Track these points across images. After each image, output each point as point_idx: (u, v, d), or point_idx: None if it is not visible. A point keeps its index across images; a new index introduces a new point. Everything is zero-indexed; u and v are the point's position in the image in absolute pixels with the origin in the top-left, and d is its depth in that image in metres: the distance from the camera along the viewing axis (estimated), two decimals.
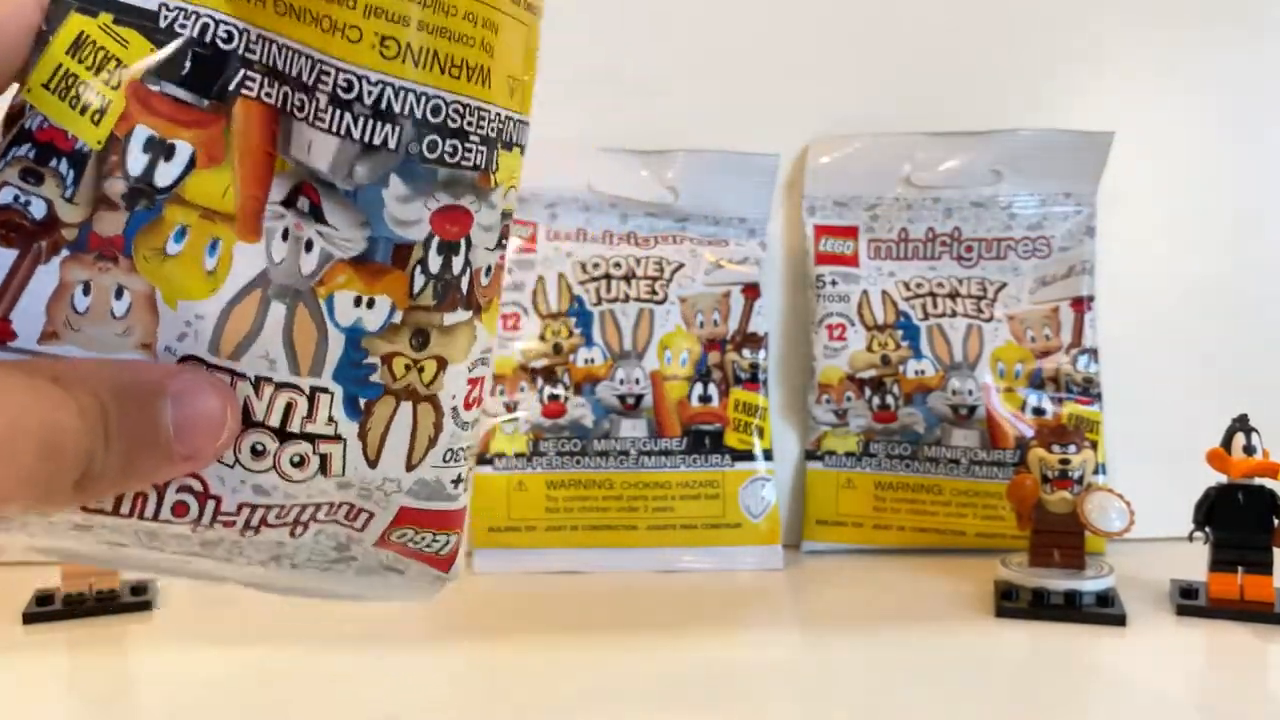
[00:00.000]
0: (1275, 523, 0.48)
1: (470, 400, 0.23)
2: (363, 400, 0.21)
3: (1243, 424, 0.49)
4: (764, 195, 0.62)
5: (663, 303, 0.60)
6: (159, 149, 0.20)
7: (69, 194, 0.20)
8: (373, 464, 0.22)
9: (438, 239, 0.21)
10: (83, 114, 0.20)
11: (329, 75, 0.19)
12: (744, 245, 0.62)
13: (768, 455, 0.59)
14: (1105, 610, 0.49)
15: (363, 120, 0.20)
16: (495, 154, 0.21)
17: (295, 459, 0.21)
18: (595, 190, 0.61)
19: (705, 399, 0.59)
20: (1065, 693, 0.43)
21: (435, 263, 0.21)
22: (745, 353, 0.60)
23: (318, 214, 0.20)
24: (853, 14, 0.62)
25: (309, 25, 0.19)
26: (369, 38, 0.19)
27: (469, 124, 0.21)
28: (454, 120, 0.20)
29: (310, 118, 0.19)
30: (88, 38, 0.20)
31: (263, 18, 0.19)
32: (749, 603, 0.54)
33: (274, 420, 0.21)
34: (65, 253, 0.20)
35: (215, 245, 0.20)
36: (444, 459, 0.23)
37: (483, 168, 0.21)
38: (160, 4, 0.20)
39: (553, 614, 0.51)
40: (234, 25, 0.19)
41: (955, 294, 0.61)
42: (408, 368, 0.21)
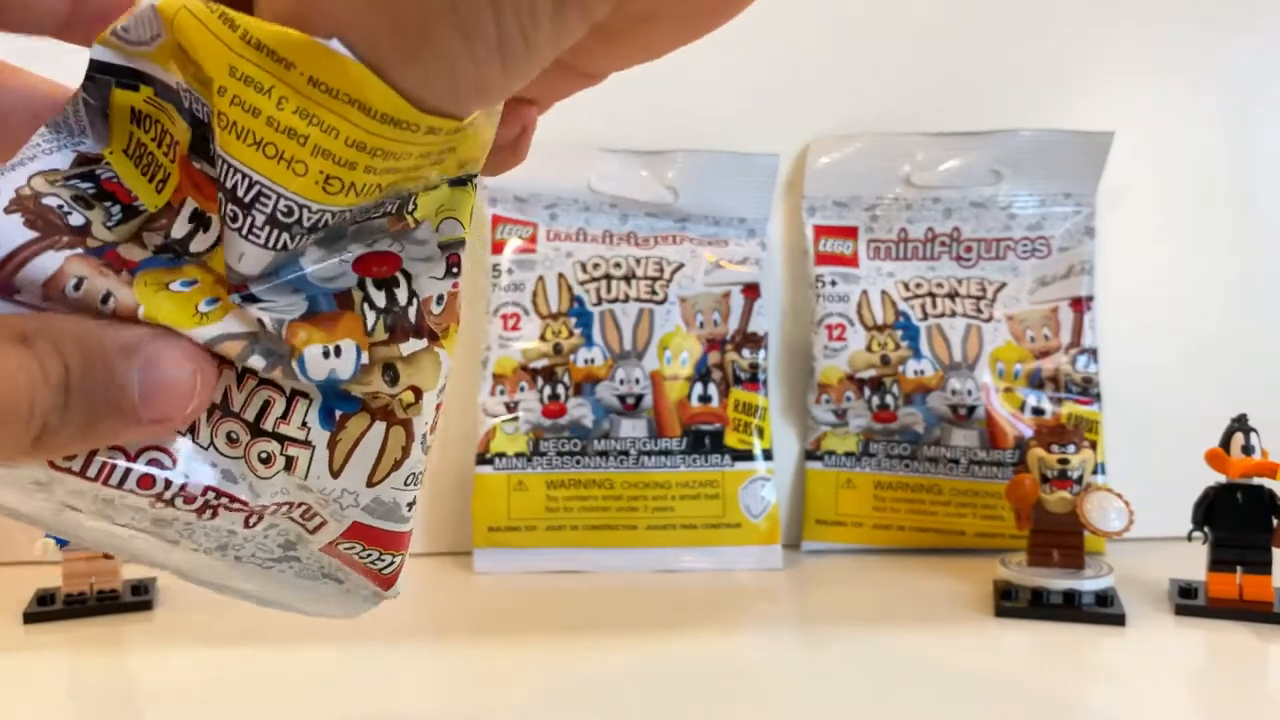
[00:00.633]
0: (1274, 522, 0.48)
1: (433, 427, 0.23)
2: (339, 412, 0.22)
3: (1242, 424, 0.49)
4: (764, 195, 0.62)
5: (663, 303, 0.60)
6: (200, 221, 0.21)
7: (110, 225, 0.21)
8: (335, 474, 0.22)
9: (369, 279, 0.22)
10: (150, 181, 0.21)
11: (269, 199, 0.20)
12: (744, 245, 0.62)
13: (768, 455, 0.59)
14: (1104, 610, 0.49)
15: (298, 238, 0.20)
16: (410, 198, 0.22)
17: (262, 455, 0.22)
18: (595, 190, 0.61)
19: (705, 399, 0.59)
20: (1064, 692, 0.43)
21: (378, 298, 0.22)
22: (745, 353, 0.60)
23: (250, 297, 0.21)
24: (853, 14, 0.62)
25: (250, 147, 0.19)
26: (314, 174, 0.19)
27: (390, 203, 0.21)
28: (377, 209, 0.21)
29: (244, 231, 0.20)
30: (142, 112, 0.21)
31: (215, 124, 0.19)
32: (749, 603, 0.54)
33: (249, 414, 0.22)
34: (79, 250, 0.20)
35: (215, 301, 0.21)
36: (404, 482, 0.23)
37: (392, 213, 0.22)
38: (178, 84, 0.20)
39: (553, 614, 0.51)
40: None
41: (955, 294, 0.61)
42: (390, 398, 0.22)
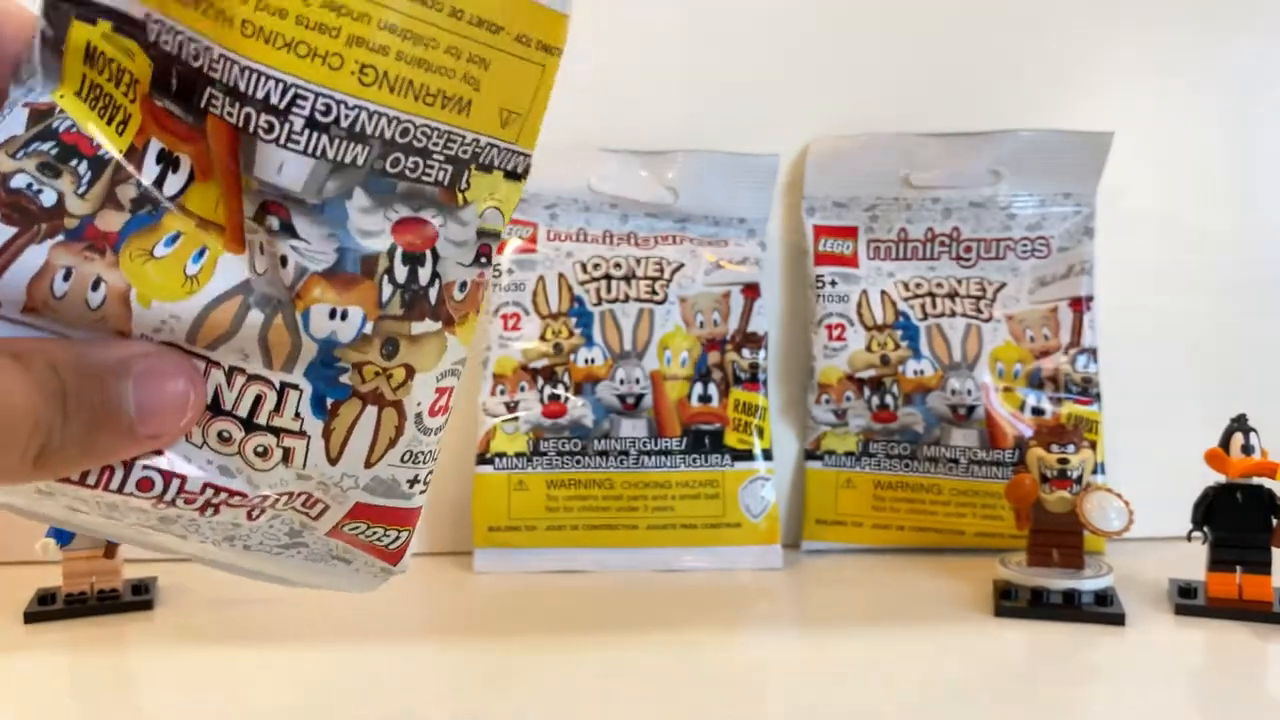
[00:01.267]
0: (1274, 522, 0.48)
1: (436, 408, 0.23)
2: (330, 400, 0.22)
3: (1241, 424, 0.49)
4: (764, 195, 0.62)
5: (663, 303, 0.60)
6: (169, 161, 0.21)
7: (82, 191, 0.20)
8: (333, 461, 0.23)
9: (400, 250, 0.21)
10: (109, 124, 0.21)
11: (305, 100, 0.20)
12: (744, 245, 0.62)
13: (767, 455, 0.59)
14: (1104, 609, 0.49)
15: (338, 142, 0.20)
16: (465, 173, 0.22)
17: (259, 449, 0.22)
18: (595, 190, 0.61)
19: (705, 399, 0.59)
20: (1064, 692, 0.43)
21: (401, 273, 0.21)
22: (745, 353, 0.60)
23: (289, 229, 0.21)
24: (853, 14, 0.62)
25: (281, 50, 0.19)
26: (349, 65, 0.20)
27: (434, 144, 0.21)
28: (419, 141, 0.21)
29: (282, 140, 0.20)
30: (97, 49, 0.21)
31: (229, 39, 0.19)
32: (749, 602, 0.54)
33: (242, 411, 0.22)
34: (60, 238, 0.20)
35: (202, 253, 0.21)
36: (401, 459, 0.23)
37: (445, 184, 0.21)
38: (146, 14, 0.20)
39: (553, 614, 0.51)
40: (200, 43, 0.20)
41: (954, 294, 0.61)
42: (377, 374, 0.22)
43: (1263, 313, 0.63)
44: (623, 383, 0.59)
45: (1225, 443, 0.49)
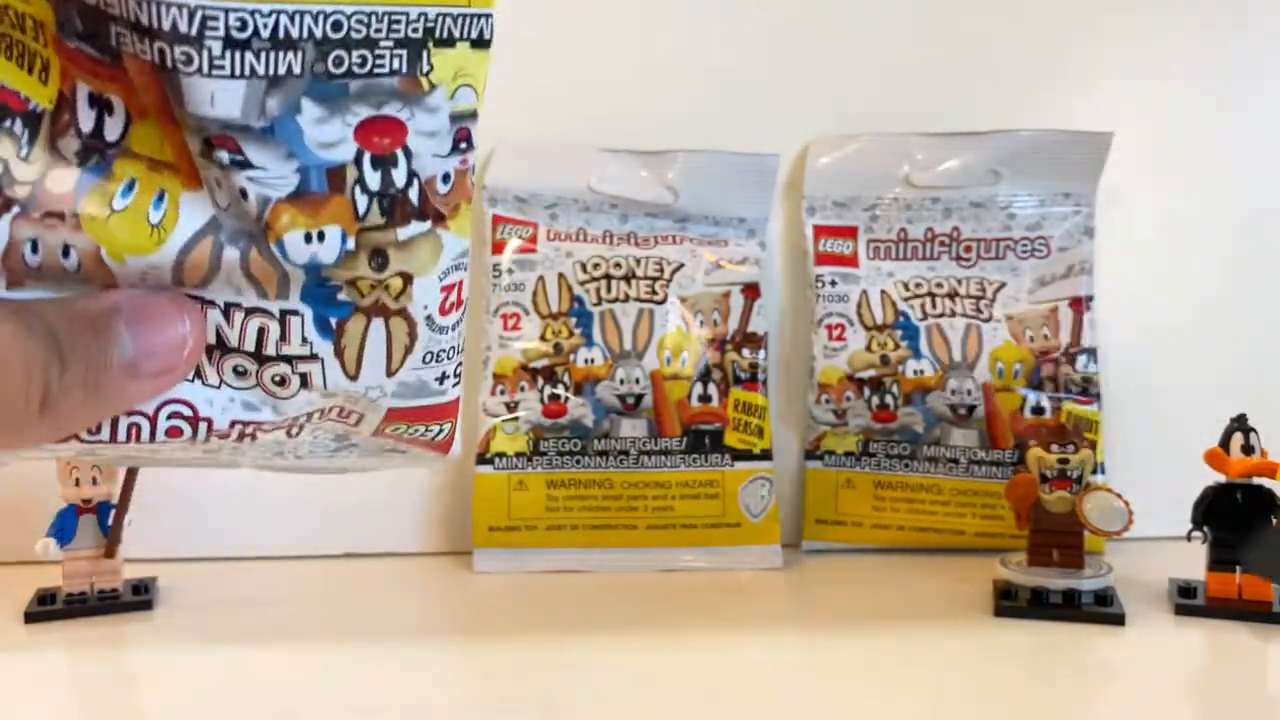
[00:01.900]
0: (1274, 522, 0.48)
1: (446, 305, 0.22)
2: (333, 319, 0.21)
3: (1241, 424, 0.49)
4: (764, 195, 0.62)
5: (663, 303, 0.60)
6: (101, 104, 0.19)
7: (24, 153, 0.19)
8: (353, 378, 0.22)
9: (369, 154, 0.20)
10: (30, 73, 0.19)
11: (216, 19, 0.18)
12: (744, 245, 0.62)
13: (767, 455, 0.59)
14: (1104, 609, 0.49)
15: (264, 55, 0.18)
16: (424, 54, 0.20)
17: (276, 378, 0.21)
18: (595, 190, 0.61)
19: (705, 399, 0.59)
20: (1064, 692, 0.43)
21: (373, 179, 0.20)
22: (745, 353, 0.60)
23: (242, 160, 0.19)
24: (853, 14, 0.62)
25: None
26: None
27: (376, 31, 0.19)
28: (358, 31, 0.19)
29: (204, 69, 0.18)
30: None
31: None
32: (749, 602, 0.54)
33: (249, 344, 0.21)
34: (16, 210, 0.19)
35: (162, 197, 0.20)
36: (424, 361, 0.22)
37: (403, 71, 0.20)
38: None
39: (553, 614, 0.51)
40: None
41: (954, 294, 0.61)
42: (373, 287, 0.21)
43: (1262, 312, 0.63)
44: (623, 383, 0.59)
45: (1225, 443, 0.49)
